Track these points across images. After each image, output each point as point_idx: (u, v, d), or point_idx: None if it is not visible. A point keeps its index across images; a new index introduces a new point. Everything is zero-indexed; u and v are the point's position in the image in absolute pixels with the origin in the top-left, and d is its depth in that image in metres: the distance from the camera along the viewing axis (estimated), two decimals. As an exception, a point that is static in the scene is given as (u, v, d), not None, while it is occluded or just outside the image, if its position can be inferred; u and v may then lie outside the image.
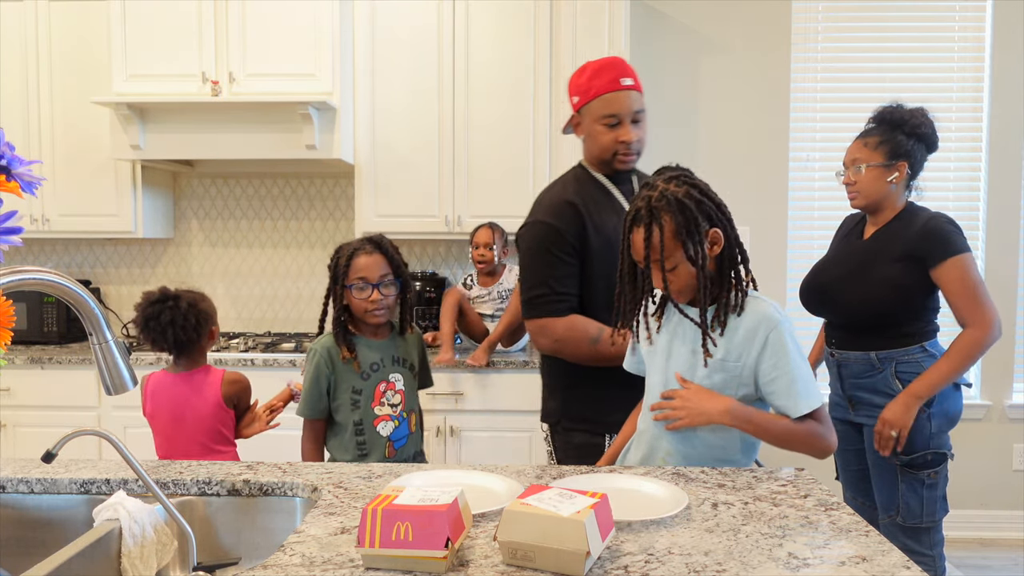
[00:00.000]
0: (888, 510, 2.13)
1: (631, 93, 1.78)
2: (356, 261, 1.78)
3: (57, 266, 3.66)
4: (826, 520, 1.14)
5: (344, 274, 1.78)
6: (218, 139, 3.09)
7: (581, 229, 1.78)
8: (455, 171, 3.24)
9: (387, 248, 1.83)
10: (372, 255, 1.79)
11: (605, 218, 1.80)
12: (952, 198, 3.47)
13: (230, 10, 3.03)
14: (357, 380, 1.80)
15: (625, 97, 1.77)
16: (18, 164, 0.77)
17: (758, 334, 1.37)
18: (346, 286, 1.79)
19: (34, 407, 3.02)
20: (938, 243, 2.03)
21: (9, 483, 1.35)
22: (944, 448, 2.08)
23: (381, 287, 1.78)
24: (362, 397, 1.81)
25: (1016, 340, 3.49)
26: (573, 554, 0.92)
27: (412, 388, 1.90)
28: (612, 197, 1.86)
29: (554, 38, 3.20)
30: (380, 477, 1.36)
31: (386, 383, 1.83)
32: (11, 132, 3.18)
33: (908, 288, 2.07)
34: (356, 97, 3.23)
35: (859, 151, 2.18)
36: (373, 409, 1.81)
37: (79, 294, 0.93)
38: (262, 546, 1.33)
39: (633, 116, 1.78)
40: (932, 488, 2.07)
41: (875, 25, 3.49)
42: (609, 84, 1.76)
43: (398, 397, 1.84)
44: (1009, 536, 3.46)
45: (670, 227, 1.35)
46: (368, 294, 1.77)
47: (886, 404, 2.08)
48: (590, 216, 1.79)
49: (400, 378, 1.85)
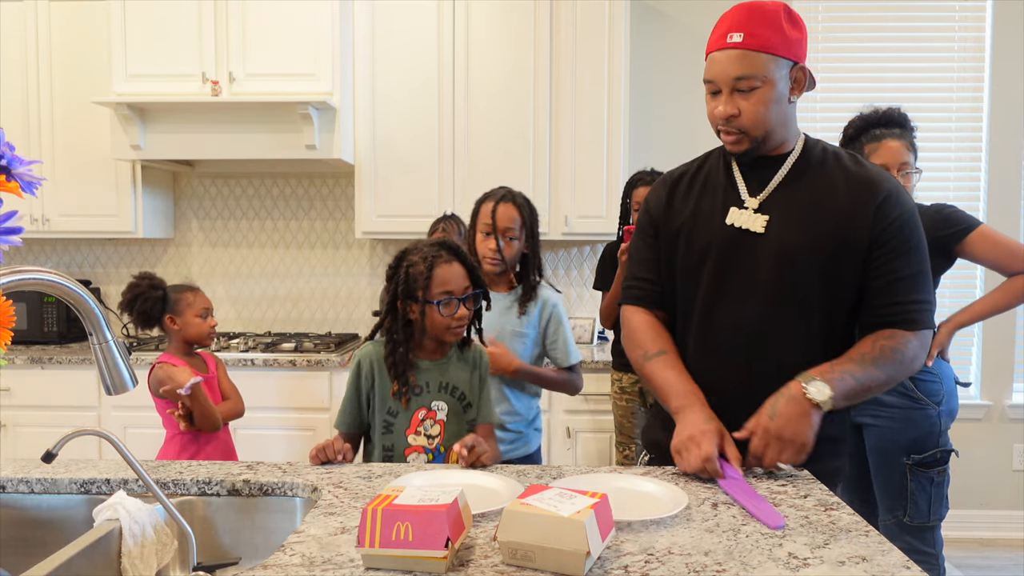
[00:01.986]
0: (894, 510, 2.13)
1: (737, 53, 1.34)
2: (438, 272, 1.56)
3: (57, 266, 3.66)
4: (826, 520, 1.14)
5: (425, 287, 1.55)
6: (218, 139, 3.09)
7: (668, 205, 1.51)
8: (455, 171, 3.24)
9: (464, 256, 1.62)
10: (452, 264, 1.58)
11: (694, 201, 1.49)
12: (952, 198, 3.46)
13: (230, 10, 3.03)
14: (395, 402, 1.59)
15: (724, 58, 1.35)
16: (18, 164, 0.77)
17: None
18: (428, 302, 1.55)
19: (34, 407, 3.02)
20: (955, 223, 2.07)
21: (9, 483, 1.35)
22: (949, 446, 2.11)
23: (467, 302, 1.59)
24: (396, 421, 1.60)
25: (1016, 340, 3.49)
26: (573, 554, 0.92)
27: (459, 420, 1.63)
28: (728, 180, 1.47)
29: (554, 38, 3.20)
30: (380, 477, 1.36)
31: (427, 411, 1.60)
32: (11, 132, 3.18)
33: None
34: (356, 97, 3.23)
35: (906, 154, 2.11)
36: (407, 437, 1.59)
37: (79, 294, 0.93)
38: (262, 546, 1.33)
39: (734, 84, 1.35)
40: (940, 486, 2.10)
41: (875, 25, 3.49)
42: (716, 41, 1.38)
43: (437, 428, 1.61)
44: (1009, 536, 3.46)
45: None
46: (454, 310, 1.56)
47: (890, 401, 2.10)
48: (676, 195, 1.51)
49: (444, 407, 1.61)
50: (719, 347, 1.44)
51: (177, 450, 2.07)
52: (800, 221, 1.39)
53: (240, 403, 2.23)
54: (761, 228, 1.40)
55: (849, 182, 1.40)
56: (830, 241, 1.37)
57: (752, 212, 1.42)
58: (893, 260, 1.37)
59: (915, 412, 2.09)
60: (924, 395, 2.08)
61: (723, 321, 1.43)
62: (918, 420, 2.08)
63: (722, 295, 1.43)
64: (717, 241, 1.43)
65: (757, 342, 1.41)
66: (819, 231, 1.38)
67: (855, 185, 1.39)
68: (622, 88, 3.21)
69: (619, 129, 3.22)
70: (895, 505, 2.13)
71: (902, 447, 2.10)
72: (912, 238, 1.38)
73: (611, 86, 3.21)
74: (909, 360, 1.37)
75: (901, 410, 2.10)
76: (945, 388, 2.10)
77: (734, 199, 1.45)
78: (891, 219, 1.37)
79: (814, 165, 1.43)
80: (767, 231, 1.40)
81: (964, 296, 3.28)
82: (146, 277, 2.14)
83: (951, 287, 3.38)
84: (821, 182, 1.41)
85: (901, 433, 2.10)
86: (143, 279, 2.13)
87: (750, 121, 1.37)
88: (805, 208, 1.40)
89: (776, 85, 1.36)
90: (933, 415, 2.07)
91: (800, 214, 1.40)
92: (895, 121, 2.17)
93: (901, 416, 2.10)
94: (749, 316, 1.41)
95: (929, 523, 2.10)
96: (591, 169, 3.22)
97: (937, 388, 2.09)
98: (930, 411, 2.07)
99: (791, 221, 1.40)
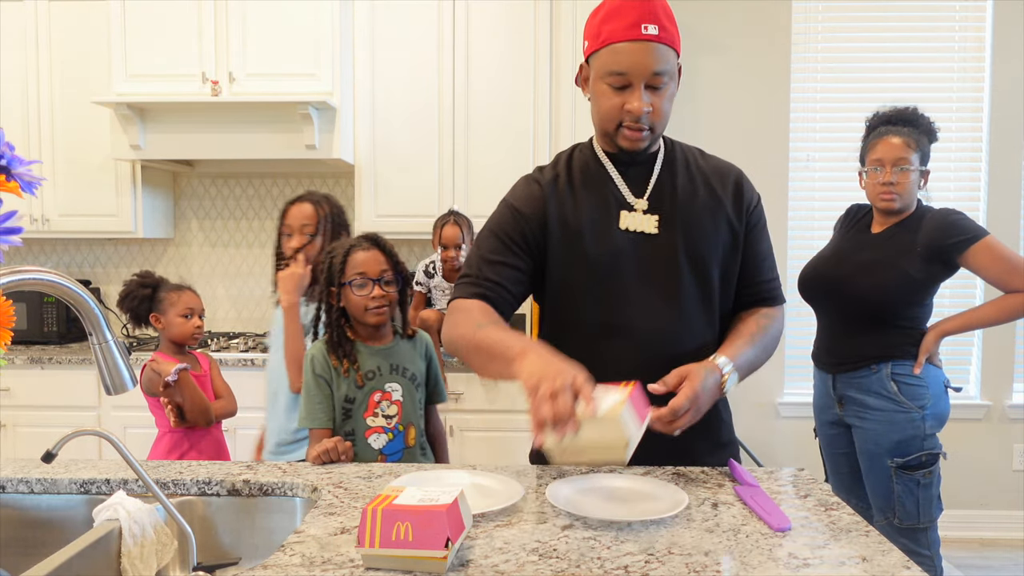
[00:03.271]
0: (884, 512, 2.13)
1: (653, 46, 1.28)
2: (353, 257, 1.69)
3: (57, 266, 3.66)
4: (826, 520, 1.14)
5: (340, 271, 1.69)
6: (218, 139, 3.09)
7: (541, 216, 1.41)
8: (455, 171, 3.24)
9: (384, 244, 1.74)
10: (369, 251, 1.71)
11: (583, 208, 1.41)
12: (952, 198, 3.47)
13: (230, 10, 3.03)
14: (351, 388, 1.68)
15: (641, 51, 1.28)
16: (18, 164, 0.77)
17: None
18: (343, 284, 1.69)
19: (34, 407, 3.03)
20: (960, 232, 2.06)
21: (9, 483, 1.35)
22: (936, 449, 2.09)
23: (382, 283, 1.69)
24: (354, 406, 1.68)
25: (1016, 340, 3.49)
26: (615, 448, 1.08)
27: (412, 399, 1.74)
28: (608, 182, 1.42)
29: (554, 38, 3.20)
30: (380, 477, 1.36)
31: (381, 393, 1.70)
32: (11, 132, 3.18)
33: (920, 282, 2.09)
34: (356, 97, 3.23)
35: (904, 150, 2.10)
36: (365, 420, 1.67)
37: (79, 294, 0.93)
38: (262, 546, 1.33)
39: (649, 79, 1.30)
40: (927, 488, 2.08)
41: (875, 25, 3.49)
42: (625, 30, 1.29)
43: (394, 408, 1.70)
44: (1009, 536, 3.46)
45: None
46: (369, 291, 1.67)
47: (873, 404, 2.10)
48: (560, 202, 1.42)
49: (398, 388, 1.71)
50: (627, 352, 1.36)
51: (167, 448, 2.06)
52: (688, 217, 1.40)
53: (233, 403, 2.23)
54: (654, 229, 1.39)
55: (712, 175, 1.45)
56: (719, 232, 1.41)
57: (642, 213, 1.40)
58: (756, 243, 1.45)
59: (898, 415, 2.08)
60: (907, 398, 2.08)
61: (628, 327, 1.38)
62: (901, 423, 2.08)
63: (625, 301, 1.39)
64: (614, 248, 1.39)
65: (664, 341, 1.37)
66: (706, 224, 1.40)
67: (717, 177, 1.45)
68: (622, 88, 3.21)
69: (619, 129, 3.22)
70: (885, 507, 2.13)
71: (886, 449, 2.10)
72: (763, 218, 1.48)
73: (611, 86, 3.21)
74: (778, 336, 1.47)
75: (884, 412, 2.10)
76: (931, 392, 2.08)
77: (621, 202, 1.41)
78: (752, 203, 1.44)
79: (679, 160, 1.46)
80: (660, 231, 1.39)
81: (963, 303, 3.25)
82: (141, 275, 2.16)
83: (950, 296, 3.36)
84: (689, 176, 1.44)
85: (884, 436, 2.10)
86: (136, 277, 2.15)
87: (660, 118, 1.36)
88: (687, 204, 1.41)
89: (675, 81, 1.37)
90: (916, 418, 2.06)
91: (686, 210, 1.40)
92: (906, 119, 2.18)
93: (884, 419, 2.10)
94: (655, 317, 1.37)
95: (919, 525, 2.09)
96: (591, 169, 3.22)
97: (921, 392, 2.08)
98: (913, 414, 2.07)
99: (680, 218, 1.39)
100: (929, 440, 2.08)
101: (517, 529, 1.09)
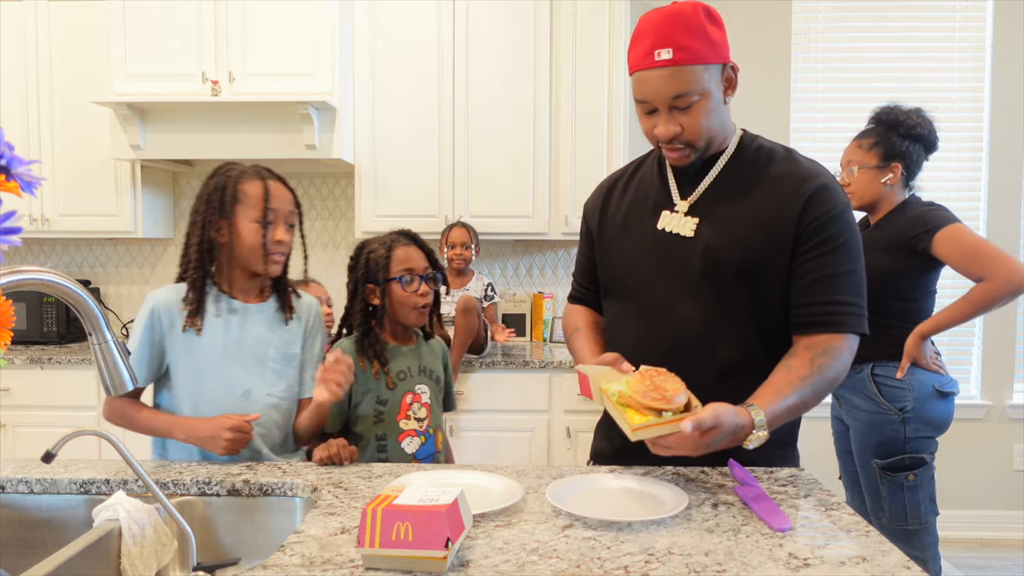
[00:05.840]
0: (875, 512, 2.13)
1: (668, 72, 1.27)
2: (397, 252, 1.62)
3: (57, 266, 3.66)
4: (826, 520, 1.14)
5: (385, 267, 1.60)
6: (218, 139, 3.09)
7: (596, 211, 1.54)
8: (455, 171, 3.24)
9: (422, 241, 1.68)
10: (410, 247, 1.64)
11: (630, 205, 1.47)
12: (952, 198, 3.47)
13: (230, 10, 3.03)
14: (383, 390, 1.61)
15: (657, 78, 1.28)
16: (18, 164, 0.77)
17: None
18: (388, 280, 1.60)
19: (34, 407, 3.02)
20: (925, 223, 2.05)
21: (9, 483, 1.35)
22: (923, 452, 2.06)
23: (427, 280, 1.63)
24: (387, 409, 1.61)
25: (1016, 340, 3.49)
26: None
27: (438, 402, 1.69)
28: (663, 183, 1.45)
29: (554, 38, 3.20)
30: (380, 477, 1.36)
31: (412, 395, 1.64)
32: (11, 132, 3.19)
33: (890, 276, 2.08)
34: (356, 97, 3.23)
35: (853, 152, 2.19)
36: (398, 423, 1.61)
37: (79, 294, 0.93)
38: (262, 546, 1.33)
39: (670, 103, 1.30)
40: (914, 491, 2.06)
41: (875, 25, 3.49)
42: (641, 59, 1.30)
43: (424, 411, 1.64)
44: (1009, 536, 3.46)
45: None
46: (417, 287, 1.61)
47: (858, 403, 2.10)
48: (615, 199, 1.51)
49: (427, 390, 1.66)
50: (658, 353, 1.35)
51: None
52: (728, 222, 1.36)
53: None
54: (691, 232, 1.37)
55: (779, 179, 1.36)
56: (757, 240, 1.33)
57: (683, 215, 1.39)
58: (820, 257, 1.32)
59: (878, 416, 2.08)
60: (887, 400, 2.07)
61: (659, 327, 1.39)
62: (880, 424, 2.07)
63: (656, 301, 1.40)
64: (648, 247, 1.41)
65: (694, 346, 1.36)
66: (745, 231, 1.34)
67: (784, 181, 1.35)
68: (622, 88, 3.21)
69: (619, 129, 3.22)
70: (875, 507, 2.13)
71: (869, 450, 2.10)
72: (840, 235, 1.32)
73: (611, 86, 3.21)
74: (837, 379, 1.31)
75: (867, 413, 2.10)
76: (915, 395, 2.05)
77: (666, 203, 1.42)
78: (818, 214, 1.32)
79: (747, 164, 1.40)
80: (696, 234, 1.37)
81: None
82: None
83: (951, 297, 3.32)
84: (752, 181, 1.38)
85: (868, 436, 2.11)
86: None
87: (693, 135, 1.34)
88: (734, 208, 1.36)
89: (712, 94, 1.31)
90: (895, 420, 2.05)
91: (728, 215, 1.36)
92: (876, 118, 2.21)
93: (867, 419, 2.10)
94: (683, 321, 1.37)
95: (909, 527, 2.07)
96: (591, 169, 3.22)
97: (902, 394, 2.05)
98: (891, 416, 2.05)
99: (719, 222, 1.36)
100: (913, 443, 2.05)
101: (517, 529, 1.09)
